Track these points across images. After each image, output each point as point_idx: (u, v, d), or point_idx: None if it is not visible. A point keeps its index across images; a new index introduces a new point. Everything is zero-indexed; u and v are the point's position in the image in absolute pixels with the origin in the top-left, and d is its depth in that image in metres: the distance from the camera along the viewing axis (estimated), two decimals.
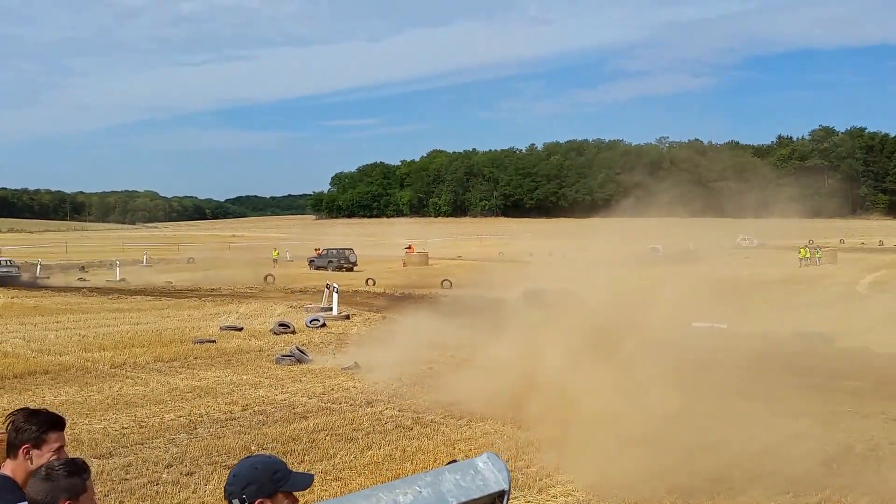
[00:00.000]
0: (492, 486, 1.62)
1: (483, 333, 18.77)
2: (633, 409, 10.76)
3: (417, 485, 1.52)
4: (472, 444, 9.23)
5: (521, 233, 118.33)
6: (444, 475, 1.58)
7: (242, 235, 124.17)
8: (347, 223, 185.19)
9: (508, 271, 47.84)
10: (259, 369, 14.41)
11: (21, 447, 2.63)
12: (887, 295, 28.26)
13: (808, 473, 7.77)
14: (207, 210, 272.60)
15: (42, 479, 2.38)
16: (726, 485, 7.55)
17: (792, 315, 20.50)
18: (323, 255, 53.19)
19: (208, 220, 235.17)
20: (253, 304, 25.99)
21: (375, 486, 1.34)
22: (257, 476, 2.04)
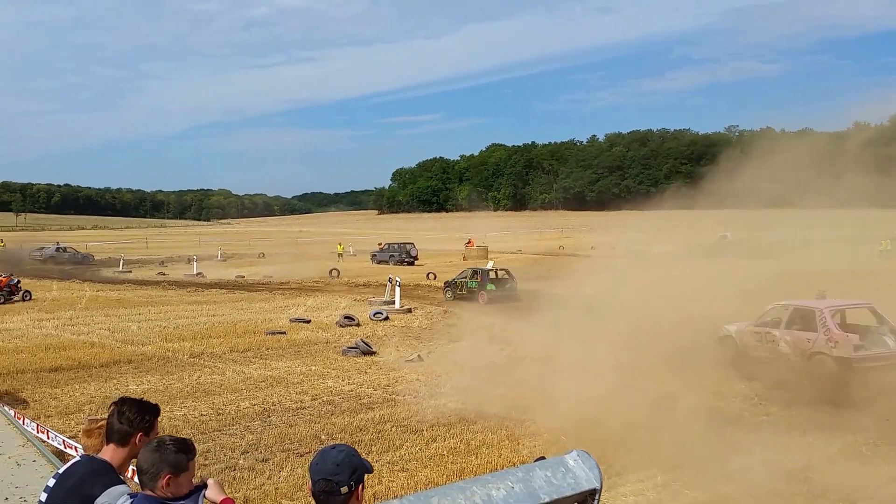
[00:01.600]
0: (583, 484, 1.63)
1: (543, 328, 18.85)
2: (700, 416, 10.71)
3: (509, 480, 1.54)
4: (536, 439, 9.29)
5: (582, 226, 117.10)
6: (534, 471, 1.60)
7: (308, 231, 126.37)
8: (408, 218, 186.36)
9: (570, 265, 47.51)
10: (326, 360, 14.81)
11: (136, 435, 2.81)
12: None
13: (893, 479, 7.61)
14: (276, 206, 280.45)
15: (152, 451, 2.56)
16: None
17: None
18: (385, 249, 53.80)
19: (276, 217, 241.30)
20: (319, 297, 26.56)
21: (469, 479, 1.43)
22: (355, 462, 2.20)
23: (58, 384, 12.42)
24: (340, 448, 2.24)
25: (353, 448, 2.26)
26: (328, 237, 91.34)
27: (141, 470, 2.55)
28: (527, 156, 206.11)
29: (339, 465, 2.17)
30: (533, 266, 46.95)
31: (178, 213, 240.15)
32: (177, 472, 2.54)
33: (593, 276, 38.19)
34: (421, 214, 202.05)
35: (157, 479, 2.52)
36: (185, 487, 2.59)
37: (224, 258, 56.39)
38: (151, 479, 2.53)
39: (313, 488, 2.17)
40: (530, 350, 15.95)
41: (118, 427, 2.83)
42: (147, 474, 2.53)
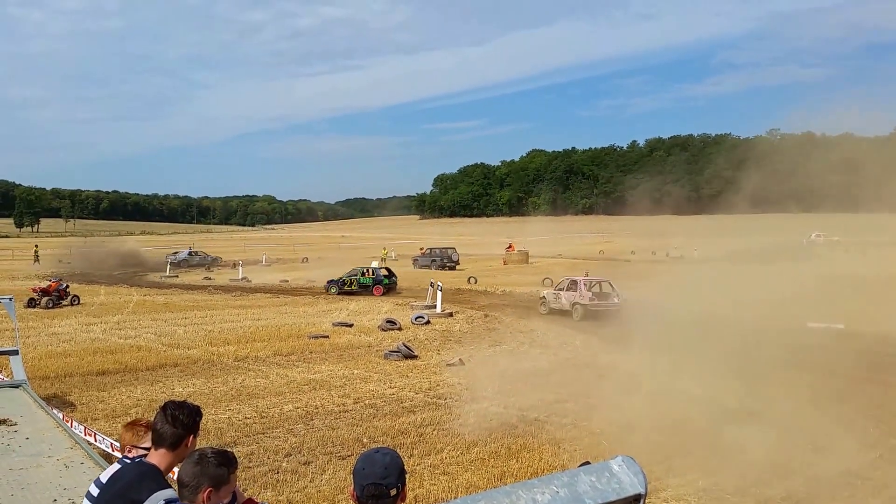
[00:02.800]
0: (628, 490, 1.67)
1: (585, 333, 18.80)
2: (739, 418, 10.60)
3: (554, 485, 1.58)
4: (577, 444, 9.30)
5: (622, 230, 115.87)
6: (579, 476, 1.65)
7: (351, 236, 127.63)
8: (449, 223, 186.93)
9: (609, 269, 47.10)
10: (369, 364, 14.99)
11: (189, 437, 2.84)
12: None
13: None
14: (319, 212, 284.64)
15: (193, 463, 2.56)
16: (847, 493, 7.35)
17: None
18: (426, 254, 54.05)
19: (320, 222, 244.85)
20: (361, 301, 26.85)
21: (514, 484, 1.47)
22: (400, 463, 2.22)
23: (105, 387, 12.73)
24: (385, 451, 2.25)
25: (395, 450, 2.30)
26: (371, 242, 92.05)
27: (182, 483, 2.55)
28: (567, 161, 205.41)
29: (388, 467, 2.19)
30: (571, 270, 46.66)
31: (224, 219, 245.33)
32: (217, 486, 2.54)
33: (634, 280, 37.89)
34: (462, 219, 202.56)
35: (198, 492, 2.51)
36: (225, 499, 2.60)
37: (268, 263, 57.30)
38: (192, 492, 2.52)
39: (359, 493, 2.15)
40: (570, 354, 15.94)
41: (171, 431, 2.81)
42: (188, 487, 2.52)
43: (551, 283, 34.72)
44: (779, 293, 27.95)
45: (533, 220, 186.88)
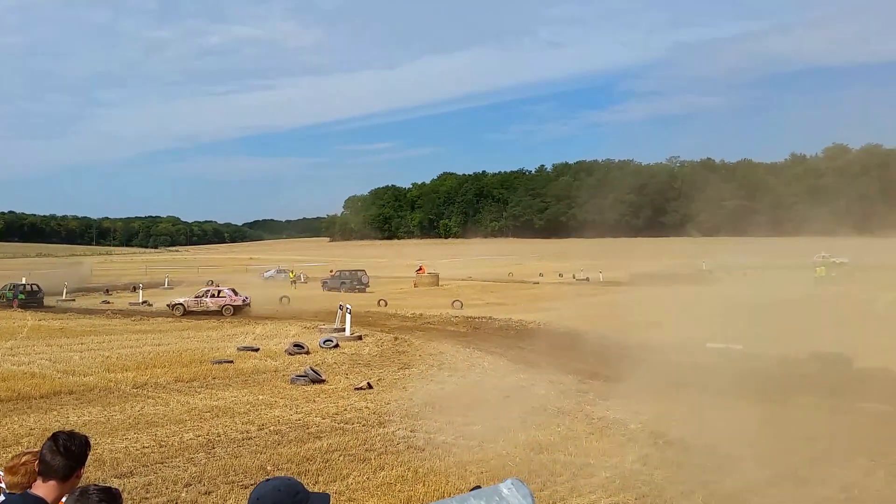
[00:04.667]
0: None
1: (493, 355, 19.00)
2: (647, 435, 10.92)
3: None
4: (484, 466, 9.30)
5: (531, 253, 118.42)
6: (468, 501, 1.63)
7: (259, 258, 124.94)
8: (360, 245, 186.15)
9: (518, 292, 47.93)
10: (275, 389, 14.60)
11: (80, 469, 2.75)
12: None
13: (828, 498, 7.84)
14: (226, 234, 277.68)
15: (74, 500, 2.47)
16: None
17: (808, 335, 20.44)
18: (336, 276, 53.53)
19: (227, 244, 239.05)
20: (269, 325, 26.25)
21: None
22: (281, 498, 2.12)
23: None
24: (276, 481, 2.20)
25: (295, 481, 2.21)
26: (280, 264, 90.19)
27: None
28: (477, 184, 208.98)
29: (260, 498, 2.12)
30: (481, 292, 47.25)
31: (125, 241, 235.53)
32: None
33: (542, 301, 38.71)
34: (373, 241, 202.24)
35: None
36: None
37: (171, 286, 55.43)
38: None
39: None
40: (479, 377, 16.04)
41: (63, 462, 2.72)
42: None
43: (461, 305, 35.04)
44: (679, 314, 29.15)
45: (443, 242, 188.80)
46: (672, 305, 34.52)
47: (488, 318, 28.31)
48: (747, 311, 29.60)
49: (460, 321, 27.79)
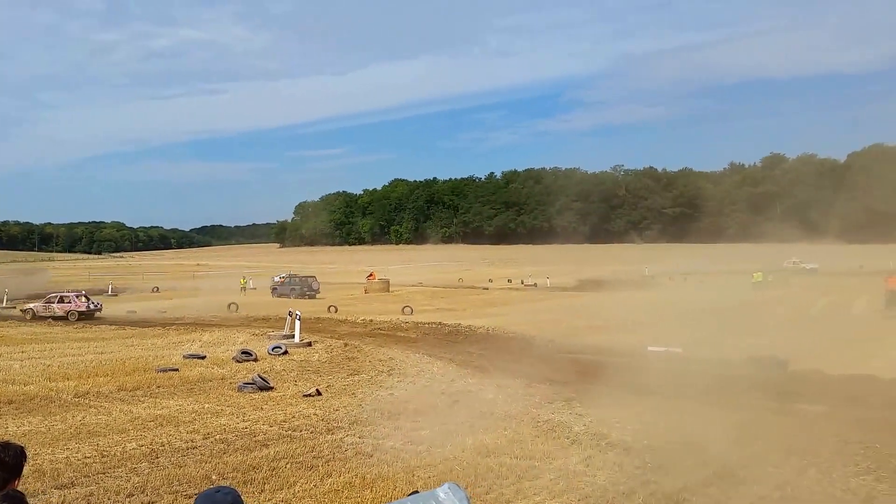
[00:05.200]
0: None
1: (442, 360, 19.12)
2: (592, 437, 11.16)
3: None
4: (431, 470, 9.38)
5: (480, 259, 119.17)
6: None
7: (207, 264, 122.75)
8: (310, 251, 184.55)
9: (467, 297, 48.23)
10: (221, 397, 14.43)
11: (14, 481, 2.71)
12: (839, 318, 29.28)
13: (763, 497, 8.13)
14: (172, 240, 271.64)
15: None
16: None
17: (746, 339, 21.13)
18: (286, 282, 53.02)
19: (173, 250, 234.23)
20: (216, 332, 25.87)
21: None
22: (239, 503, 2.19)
23: None
24: (226, 491, 2.24)
25: (235, 490, 2.25)
26: (228, 271, 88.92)
27: None
28: (428, 191, 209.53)
29: None
30: (431, 298, 47.40)
31: (68, 247, 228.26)
32: None
33: (491, 307, 39.01)
34: (324, 248, 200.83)
35: None
36: None
37: (115, 293, 54.30)
38: None
39: None
40: (427, 382, 16.13)
41: None
42: None
43: (411, 311, 35.10)
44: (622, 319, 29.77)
45: (394, 248, 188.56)
46: (616, 310, 35.23)
47: (438, 324, 28.44)
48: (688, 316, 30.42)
49: (410, 327, 27.86)
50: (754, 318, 29.23)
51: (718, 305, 35.50)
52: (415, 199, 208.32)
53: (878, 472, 8.80)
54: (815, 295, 41.23)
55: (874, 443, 10.10)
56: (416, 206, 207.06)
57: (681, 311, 34.19)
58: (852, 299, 35.11)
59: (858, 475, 8.70)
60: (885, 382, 14.83)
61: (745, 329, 24.29)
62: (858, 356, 18.22)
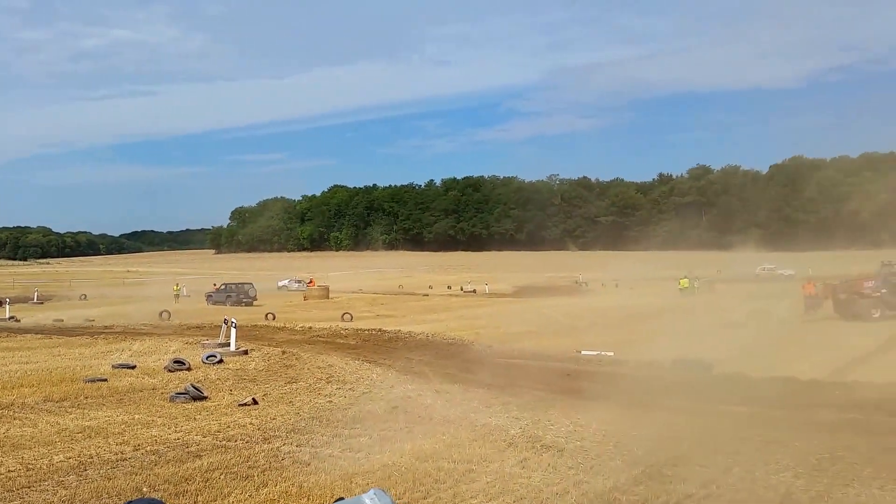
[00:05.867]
0: None
1: (381, 367, 19.12)
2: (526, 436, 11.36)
3: None
4: (369, 477, 9.39)
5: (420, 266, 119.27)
6: None
7: (138, 271, 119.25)
8: (248, 257, 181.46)
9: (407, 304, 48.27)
10: (152, 408, 14.10)
11: None
12: (761, 322, 30.44)
13: (689, 495, 8.42)
14: (101, 245, 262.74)
15: None
16: None
17: (673, 342, 21.80)
18: (221, 290, 52.08)
19: (102, 256, 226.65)
20: (147, 341, 25.21)
21: None
22: None
23: None
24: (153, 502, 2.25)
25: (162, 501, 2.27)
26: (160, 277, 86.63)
27: None
28: (368, 197, 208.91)
29: None
30: (371, 305, 47.26)
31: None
32: None
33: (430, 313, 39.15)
34: (261, 254, 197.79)
35: None
36: None
37: (41, 300, 52.50)
38: None
39: None
40: (367, 388, 16.12)
41: None
42: None
43: (351, 317, 34.92)
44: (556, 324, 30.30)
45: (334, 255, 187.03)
46: (550, 316, 35.86)
47: (378, 331, 28.41)
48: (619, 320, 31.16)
49: (350, 334, 27.75)
50: (681, 323, 30.19)
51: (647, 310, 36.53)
52: (354, 205, 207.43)
53: (796, 469, 9.20)
54: (740, 300, 42.77)
55: (793, 441, 10.57)
56: (356, 213, 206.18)
57: (612, 316, 35.05)
58: (774, 304, 36.55)
59: (779, 472, 9.07)
60: (803, 383, 15.55)
61: (672, 333, 25.08)
62: (779, 359, 19.02)
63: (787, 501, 8.05)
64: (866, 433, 11.06)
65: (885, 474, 8.80)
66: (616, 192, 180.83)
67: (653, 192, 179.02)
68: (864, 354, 20.36)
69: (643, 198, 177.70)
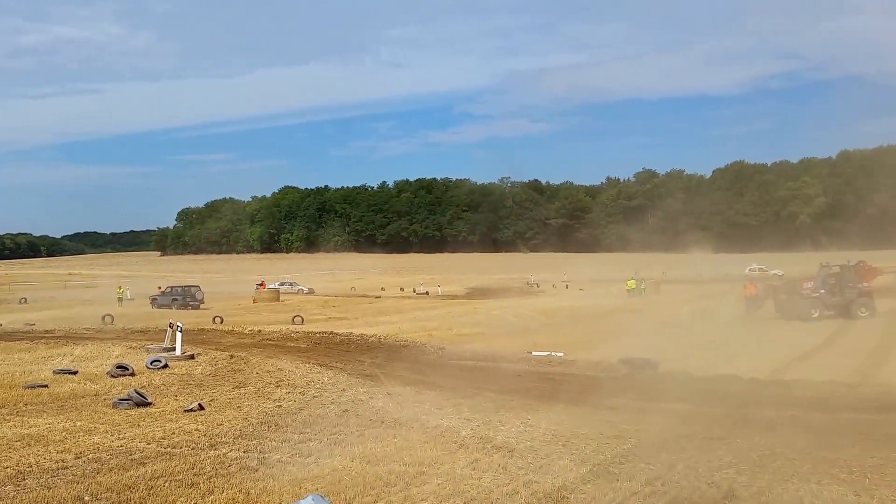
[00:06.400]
0: None
1: (332, 370, 18.98)
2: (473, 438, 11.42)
3: None
4: (319, 482, 9.31)
5: (373, 268, 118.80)
6: None
7: (81, 273, 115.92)
8: (195, 260, 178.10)
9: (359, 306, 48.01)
10: (94, 415, 13.72)
11: None
12: (705, 322, 31.21)
13: (635, 492, 8.57)
14: (42, 247, 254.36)
15: None
16: None
17: (621, 342, 22.20)
18: (167, 292, 51.00)
19: (43, 258, 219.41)
20: (89, 345, 24.52)
21: None
22: None
23: None
24: None
25: None
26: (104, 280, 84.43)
27: None
28: (320, 199, 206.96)
29: None
30: (323, 308, 46.86)
31: None
32: None
33: (383, 315, 39.04)
34: (209, 256, 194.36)
35: None
36: None
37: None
38: None
39: None
40: (317, 392, 15.98)
41: None
42: None
43: (301, 320, 34.55)
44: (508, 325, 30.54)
45: (285, 257, 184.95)
46: (502, 317, 36.15)
47: (329, 333, 28.18)
48: (568, 321, 31.57)
49: (301, 337, 27.46)
50: (628, 323, 30.76)
51: (596, 311, 37.09)
52: (306, 206, 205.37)
53: (738, 465, 9.45)
54: (684, 301, 43.78)
55: (735, 438, 10.86)
56: (307, 215, 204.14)
57: (562, 316, 35.49)
58: (717, 305, 37.53)
59: (721, 469, 9.30)
60: (745, 381, 16.02)
61: (620, 333, 25.54)
62: (722, 357, 19.57)
63: (729, 497, 8.23)
64: (805, 430, 11.42)
65: (822, 469, 9.11)
66: (566, 195, 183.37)
67: (601, 195, 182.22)
68: (804, 353, 21.03)
69: (592, 201, 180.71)
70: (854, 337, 25.10)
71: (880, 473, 8.95)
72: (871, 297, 31.34)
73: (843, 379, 16.04)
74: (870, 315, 30.42)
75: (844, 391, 14.82)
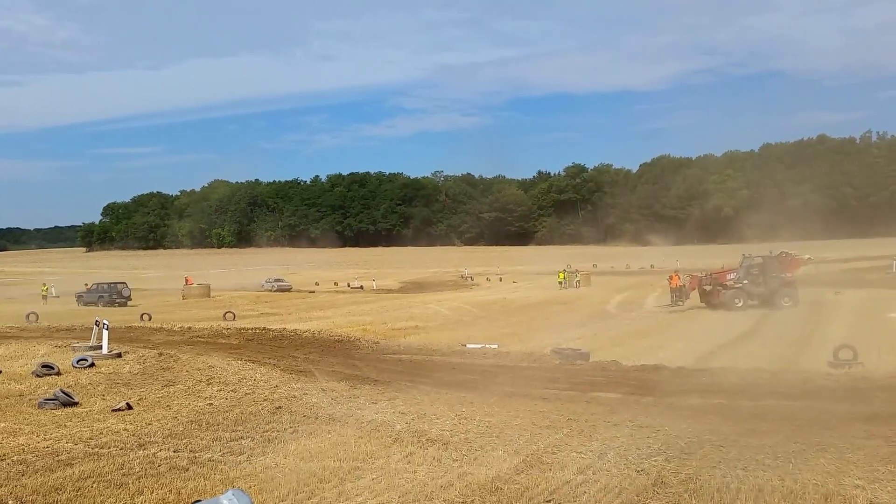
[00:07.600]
0: None
1: (265, 367, 18.77)
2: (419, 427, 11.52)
3: None
4: (251, 480, 9.23)
5: (306, 263, 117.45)
6: None
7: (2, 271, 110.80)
8: (122, 255, 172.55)
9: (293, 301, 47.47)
10: (19, 416, 13.23)
11: None
12: (633, 313, 32.12)
13: (567, 481, 8.80)
14: None
15: None
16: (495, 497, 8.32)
17: (552, 333, 22.65)
18: (93, 290, 49.42)
19: None
20: (13, 344, 23.57)
21: None
22: None
23: None
24: None
25: None
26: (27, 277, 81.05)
27: None
28: (251, 193, 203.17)
29: None
30: (255, 303, 46.14)
31: None
32: None
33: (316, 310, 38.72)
34: (136, 252, 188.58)
35: None
36: None
37: None
38: None
39: None
40: (250, 389, 15.79)
41: None
42: None
43: (233, 316, 33.97)
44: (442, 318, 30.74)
45: (216, 252, 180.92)
46: (437, 310, 36.37)
47: (262, 329, 27.80)
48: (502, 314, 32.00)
49: (232, 333, 27.00)
50: (560, 315, 31.39)
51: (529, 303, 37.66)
52: (237, 201, 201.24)
53: (666, 452, 9.78)
54: (614, 292, 44.86)
55: (663, 426, 11.24)
56: (238, 209, 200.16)
57: (496, 309, 35.92)
58: (644, 296, 38.61)
59: (650, 456, 9.61)
60: (671, 370, 16.59)
61: (552, 324, 26.05)
62: (650, 347, 20.21)
63: (658, 484, 8.50)
64: (730, 417, 11.86)
65: (748, 456, 9.48)
66: (499, 189, 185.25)
67: (533, 189, 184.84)
68: (728, 342, 21.83)
69: (524, 195, 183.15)
70: (777, 326, 26.01)
71: (803, 458, 9.31)
72: (794, 287, 32.19)
73: (766, 366, 16.62)
74: (793, 305, 31.17)
75: (768, 378, 15.32)
